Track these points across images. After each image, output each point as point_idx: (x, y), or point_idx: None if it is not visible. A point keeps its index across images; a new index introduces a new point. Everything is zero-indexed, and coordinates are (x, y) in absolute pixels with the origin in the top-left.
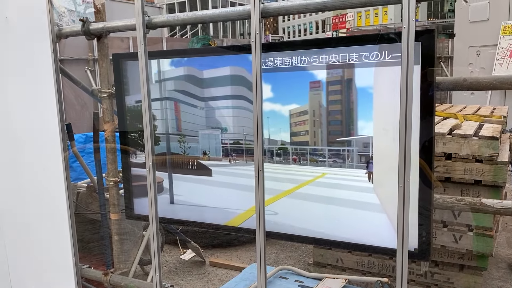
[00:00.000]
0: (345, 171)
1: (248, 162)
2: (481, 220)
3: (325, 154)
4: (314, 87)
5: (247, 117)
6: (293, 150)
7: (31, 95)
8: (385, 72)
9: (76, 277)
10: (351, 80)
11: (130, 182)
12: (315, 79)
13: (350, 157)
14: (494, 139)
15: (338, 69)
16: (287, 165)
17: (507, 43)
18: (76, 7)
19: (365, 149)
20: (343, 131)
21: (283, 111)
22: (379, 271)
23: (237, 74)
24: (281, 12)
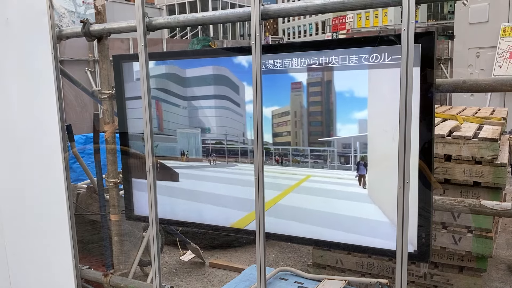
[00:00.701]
0: (328, 173)
1: (229, 163)
2: (481, 221)
3: (307, 155)
4: (295, 88)
5: (230, 117)
6: (276, 151)
7: (32, 96)
8: (382, 74)
9: (76, 278)
10: (330, 82)
11: (130, 183)
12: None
13: (331, 158)
14: (493, 140)
15: (319, 72)
16: (270, 166)
17: (507, 44)
18: (77, 8)
19: (345, 149)
20: (323, 132)
21: (266, 113)
22: (379, 273)
23: (220, 74)
24: (281, 14)
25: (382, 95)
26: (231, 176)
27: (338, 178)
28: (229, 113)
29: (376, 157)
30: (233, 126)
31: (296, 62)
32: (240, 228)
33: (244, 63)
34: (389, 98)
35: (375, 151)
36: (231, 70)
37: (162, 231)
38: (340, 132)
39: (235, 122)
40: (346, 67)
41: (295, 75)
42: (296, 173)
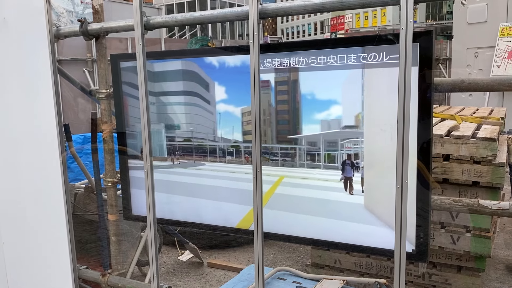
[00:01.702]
0: (304, 173)
1: (196, 162)
2: (479, 221)
3: (276, 153)
4: (263, 87)
5: (200, 114)
6: (246, 149)
7: (29, 96)
8: (376, 72)
9: (74, 278)
10: (296, 81)
11: (128, 183)
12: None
13: (298, 156)
14: (492, 140)
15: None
16: (239, 165)
17: (505, 44)
18: (75, 7)
19: (314, 147)
20: (290, 130)
21: (235, 112)
22: (377, 272)
23: (189, 69)
24: (279, 13)
25: (381, 94)
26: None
27: (317, 179)
28: (199, 110)
29: (375, 159)
30: (203, 123)
31: (268, 62)
32: (238, 228)
33: (214, 62)
34: (387, 97)
35: (373, 152)
36: (199, 65)
37: (160, 231)
38: (304, 132)
39: (205, 119)
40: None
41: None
42: (269, 173)
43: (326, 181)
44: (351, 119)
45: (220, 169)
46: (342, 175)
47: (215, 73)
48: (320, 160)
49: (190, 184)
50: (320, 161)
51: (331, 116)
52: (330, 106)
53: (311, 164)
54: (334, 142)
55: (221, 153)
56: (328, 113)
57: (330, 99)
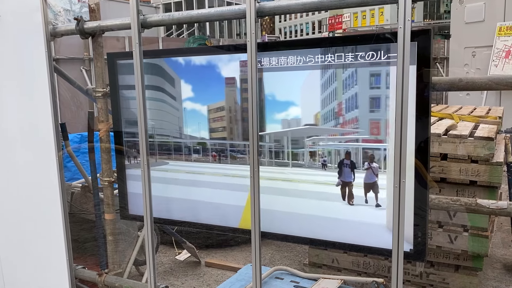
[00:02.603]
0: (283, 172)
1: (158, 161)
2: (477, 220)
3: (244, 151)
4: (229, 83)
5: (165, 110)
6: (212, 146)
7: (25, 94)
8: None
9: (70, 277)
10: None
11: (125, 182)
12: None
13: (263, 154)
14: (489, 139)
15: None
16: (207, 164)
17: (503, 44)
18: (72, 6)
19: (278, 144)
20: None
21: (202, 110)
22: (375, 272)
23: (155, 64)
24: (277, 11)
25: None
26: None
27: (304, 181)
28: (164, 105)
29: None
30: (168, 120)
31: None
32: (236, 228)
33: (181, 60)
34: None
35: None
36: (167, 62)
37: (158, 230)
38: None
39: (171, 116)
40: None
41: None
42: (238, 173)
43: (316, 184)
44: (311, 118)
45: (181, 169)
46: (339, 179)
47: (181, 71)
48: (288, 158)
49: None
50: (287, 158)
51: (291, 116)
52: (289, 107)
53: (279, 162)
54: (297, 140)
55: (186, 151)
56: (289, 112)
57: (288, 100)
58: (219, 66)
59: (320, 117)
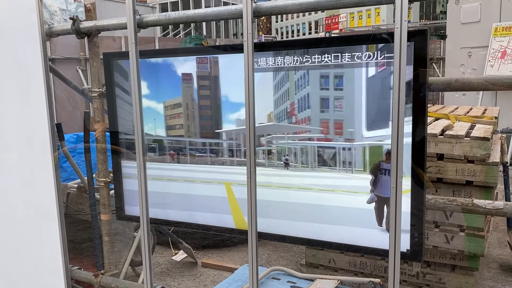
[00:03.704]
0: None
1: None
2: (473, 220)
3: (205, 149)
4: (186, 79)
5: (120, 106)
6: (169, 145)
7: (21, 94)
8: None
9: (66, 278)
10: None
11: (121, 183)
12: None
13: (221, 152)
14: (485, 139)
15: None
16: (164, 164)
17: (498, 44)
18: (68, 6)
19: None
20: (212, 125)
21: (158, 107)
22: (371, 272)
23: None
24: (273, 11)
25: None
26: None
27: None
28: (119, 101)
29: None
30: (123, 117)
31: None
32: (232, 228)
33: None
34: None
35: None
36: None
37: (154, 230)
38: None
39: (125, 112)
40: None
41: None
42: (199, 175)
43: (314, 191)
44: (264, 118)
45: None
46: (372, 192)
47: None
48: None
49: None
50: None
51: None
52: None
53: (241, 161)
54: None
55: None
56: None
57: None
58: (175, 65)
59: (273, 116)
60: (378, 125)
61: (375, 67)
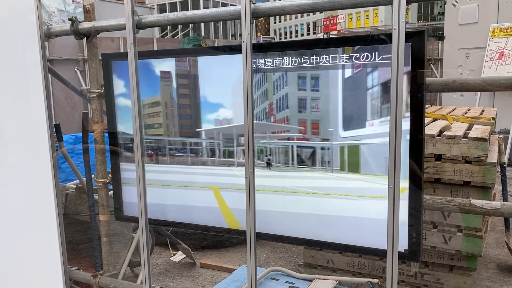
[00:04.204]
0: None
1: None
2: (470, 221)
3: (185, 149)
4: (164, 77)
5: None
6: (148, 144)
7: (19, 95)
8: None
9: (65, 279)
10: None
11: (120, 184)
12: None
13: (201, 152)
14: (483, 140)
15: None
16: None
17: (496, 45)
18: (66, 6)
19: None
20: (192, 124)
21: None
22: (370, 272)
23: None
24: (272, 12)
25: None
26: None
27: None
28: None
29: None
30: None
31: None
32: (231, 228)
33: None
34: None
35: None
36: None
37: (153, 231)
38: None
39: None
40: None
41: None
42: (182, 178)
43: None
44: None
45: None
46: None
47: (115, 67)
48: (230, 156)
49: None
50: (228, 157)
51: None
52: (221, 107)
53: (225, 161)
54: (231, 138)
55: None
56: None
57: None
58: (153, 63)
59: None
60: (355, 125)
61: (351, 69)
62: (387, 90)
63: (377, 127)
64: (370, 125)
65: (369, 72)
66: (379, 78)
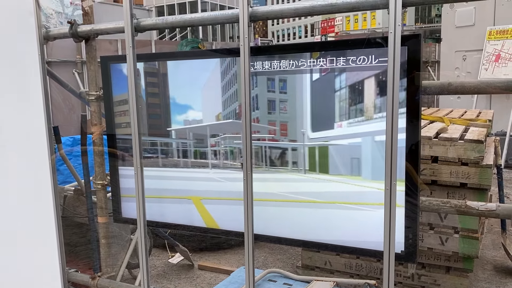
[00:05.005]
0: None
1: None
2: (467, 222)
3: (152, 149)
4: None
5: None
6: (118, 144)
7: (18, 98)
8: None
9: (63, 281)
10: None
11: (118, 185)
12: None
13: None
14: (479, 142)
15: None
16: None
17: (493, 48)
18: (64, 9)
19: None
20: (161, 124)
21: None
22: (367, 274)
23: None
24: (269, 16)
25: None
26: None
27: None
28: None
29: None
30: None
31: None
32: (229, 230)
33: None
34: None
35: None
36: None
37: (151, 233)
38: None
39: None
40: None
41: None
42: (157, 184)
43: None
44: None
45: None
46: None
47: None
48: (202, 157)
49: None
50: (199, 158)
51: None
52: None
53: (197, 162)
54: (202, 139)
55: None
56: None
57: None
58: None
59: (221, 117)
60: (324, 126)
61: (319, 72)
62: (356, 92)
63: (345, 128)
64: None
65: (336, 75)
66: (347, 80)
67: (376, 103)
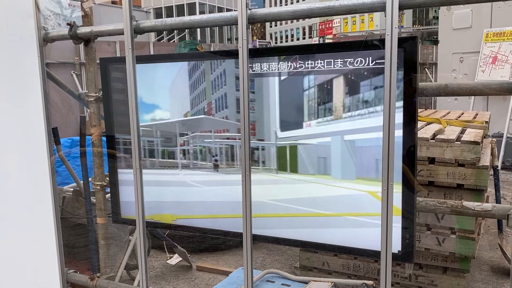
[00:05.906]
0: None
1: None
2: (464, 223)
3: (124, 149)
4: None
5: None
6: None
7: (17, 99)
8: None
9: (62, 281)
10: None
11: (117, 186)
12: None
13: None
14: (476, 143)
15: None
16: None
17: (489, 50)
18: (63, 10)
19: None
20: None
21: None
22: (365, 274)
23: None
24: (268, 18)
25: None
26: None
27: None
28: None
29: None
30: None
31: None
32: (228, 231)
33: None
34: None
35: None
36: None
37: (149, 234)
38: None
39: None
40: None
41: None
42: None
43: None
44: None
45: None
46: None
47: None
48: (170, 157)
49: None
50: (167, 158)
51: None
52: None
53: (165, 162)
54: (170, 138)
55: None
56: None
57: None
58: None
59: (189, 116)
60: (293, 126)
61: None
62: (324, 92)
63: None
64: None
65: (304, 75)
66: (315, 80)
67: (345, 102)
